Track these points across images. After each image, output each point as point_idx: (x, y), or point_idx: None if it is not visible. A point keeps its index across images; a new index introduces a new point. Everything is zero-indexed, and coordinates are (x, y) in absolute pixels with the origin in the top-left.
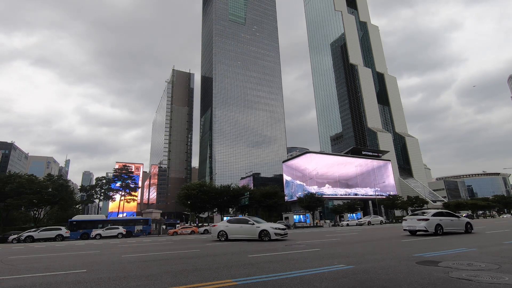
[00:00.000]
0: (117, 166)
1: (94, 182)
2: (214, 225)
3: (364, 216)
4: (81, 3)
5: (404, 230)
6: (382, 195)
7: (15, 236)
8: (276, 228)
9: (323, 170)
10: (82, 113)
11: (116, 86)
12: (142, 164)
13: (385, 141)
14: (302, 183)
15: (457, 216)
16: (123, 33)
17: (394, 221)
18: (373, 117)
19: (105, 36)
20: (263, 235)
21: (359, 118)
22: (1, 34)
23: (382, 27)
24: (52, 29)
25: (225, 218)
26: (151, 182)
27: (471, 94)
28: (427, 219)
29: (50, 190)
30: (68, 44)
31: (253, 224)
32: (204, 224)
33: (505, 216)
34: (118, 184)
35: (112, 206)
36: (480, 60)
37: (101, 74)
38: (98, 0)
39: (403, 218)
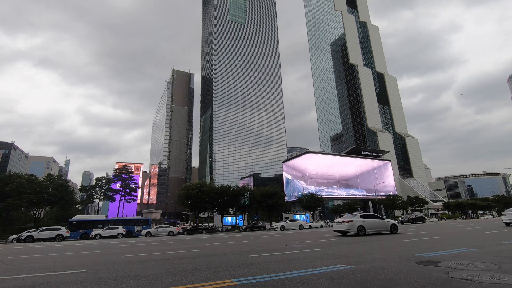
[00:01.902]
0: (117, 166)
1: (94, 182)
2: (349, 221)
3: None
4: (84, 5)
5: (504, 222)
6: (382, 195)
7: (15, 236)
8: (398, 223)
9: (323, 170)
10: (84, 114)
11: (118, 86)
12: (142, 164)
13: (385, 141)
14: (302, 183)
15: None
16: (124, 34)
17: None
18: (373, 117)
19: (107, 37)
20: (393, 229)
21: (359, 118)
22: (5, 35)
23: (383, 29)
24: (55, 31)
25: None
26: (151, 182)
27: (471, 95)
28: None
29: (50, 190)
30: (70, 45)
31: (384, 219)
32: (205, 224)
33: (485, 217)
34: (118, 184)
35: (112, 206)
36: (480, 61)
37: (103, 75)
38: (100, 2)
39: (503, 213)
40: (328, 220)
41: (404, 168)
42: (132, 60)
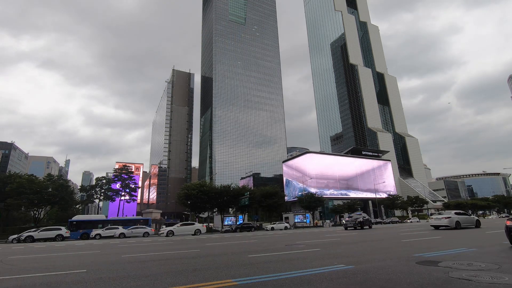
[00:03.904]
0: (117, 166)
1: (94, 182)
2: (448, 217)
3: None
4: (87, 7)
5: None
6: (382, 195)
7: (15, 236)
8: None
9: (323, 170)
10: (86, 114)
11: (120, 87)
12: (142, 164)
13: (385, 141)
14: (302, 183)
15: None
16: (126, 36)
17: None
18: (373, 117)
19: (109, 39)
20: (477, 223)
21: (359, 118)
22: (9, 37)
23: (383, 31)
24: (59, 32)
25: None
26: (151, 182)
27: (471, 95)
28: None
29: (50, 190)
30: (74, 46)
31: (471, 215)
32: (205, 223)
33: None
34: (118, 184)
35: (112, 206)
36: (480, 62)
37: (105, 76)
38: (103, 4)
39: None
40: (328, 220)
41: (404, 168)
42: (134, 61)
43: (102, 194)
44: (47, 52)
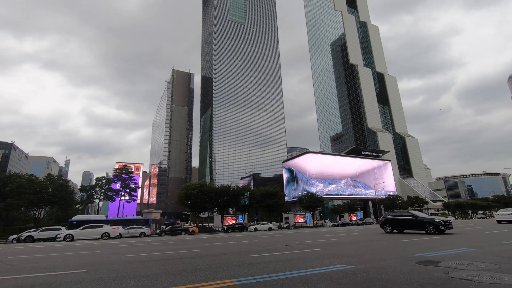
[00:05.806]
0: (117, 166)
1: (94, 182)
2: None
3: (364, 217)
4: (90, 9)
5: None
6: (382, 195)
7: (15, 236)
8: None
9: (323, 170)
10: (87, 115)
11: (121, 88)
12: (142, 164)
13: (385, 141)
14: (302, 183)
15: None
16: (128, 37)
17: None
18: (373, 117)
19: (111, 40)
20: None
21: (359, 118)
22: (13, 38)
23: (384, 33)
24: (62, 34)
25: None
26: (151, 182)
27: (471, 96)
28: None
29: (50, 190)
30: (76, 48)
31: None
32: (205, 224)
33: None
34: (118, 184)
35: (112, 206)
36: (480, 63)
37: (107, 77)
38: (106, 7)
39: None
40: (327, 220)
41: (404, 168)
42: (135, 62)
43: (102, 194)
44: (49, 53)
